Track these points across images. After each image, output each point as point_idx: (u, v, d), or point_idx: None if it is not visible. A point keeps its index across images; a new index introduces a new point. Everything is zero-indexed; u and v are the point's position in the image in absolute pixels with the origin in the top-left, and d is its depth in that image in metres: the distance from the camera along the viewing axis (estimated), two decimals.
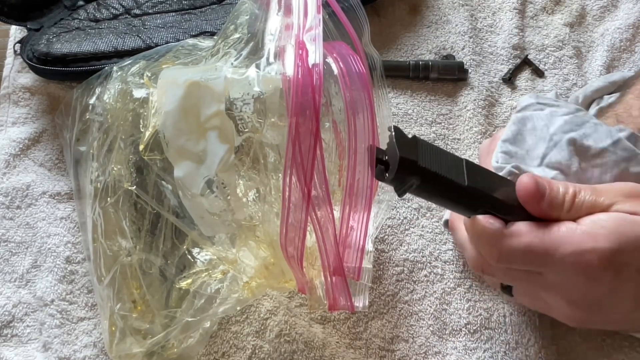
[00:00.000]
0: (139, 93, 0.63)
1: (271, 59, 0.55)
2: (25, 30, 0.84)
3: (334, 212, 0.50)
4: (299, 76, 0.46)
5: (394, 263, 0.72)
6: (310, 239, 0.53)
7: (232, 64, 0.58)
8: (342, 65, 0.53)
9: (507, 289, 0.62)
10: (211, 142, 0.55)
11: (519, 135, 0.66)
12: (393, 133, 0.51)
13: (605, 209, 0.52)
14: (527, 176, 0.52)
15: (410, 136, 0.53)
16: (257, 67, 0.55)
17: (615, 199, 0.52)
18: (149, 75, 0.63)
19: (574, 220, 0.52)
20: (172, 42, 0.78)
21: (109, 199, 0.62)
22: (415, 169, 0.51)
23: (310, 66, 0.47)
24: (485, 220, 0.53)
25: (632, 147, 0.62)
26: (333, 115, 0.58)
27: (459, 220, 0.63)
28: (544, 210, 0.52)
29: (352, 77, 0.53)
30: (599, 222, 0.51)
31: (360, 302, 0.60)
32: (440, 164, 0.52)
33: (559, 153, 0.63)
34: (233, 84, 0.56)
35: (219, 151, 0.55)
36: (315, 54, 0.48)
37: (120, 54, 0.78)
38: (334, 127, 0.59)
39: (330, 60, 0.54)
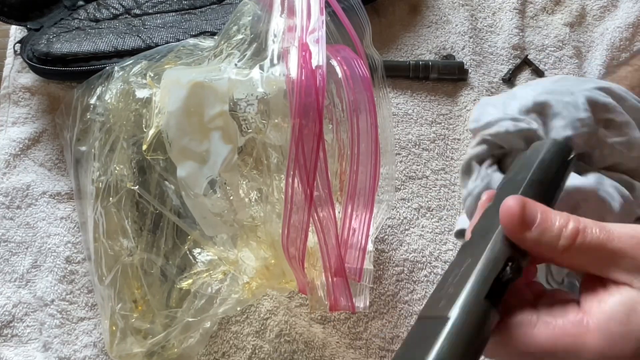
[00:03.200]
0: (141, 93, 0.63)
1: (275, 61, 0.54)
2: (25, 30, 0.84)
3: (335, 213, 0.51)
4: (303, 78, 0.46)
5: (394, 263, 0.72)
6: (312, 240, 0.53)
7: (235, 64, 0.58)
8: (345, 68, 0.53)
9: None
10: (214, 142, 0.55)
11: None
12: None
13: (617, 278, 0.40)
14: (514, 198, 0.41)
15: None
16: (261, 68, 0.56)
17: (636, 264, 0.39)
18: (152, 75, 0.63)
19: (572, 265, 0.41)
20: (172, 42, 0.78)
21: (111, 198, 0.62)
22: None
23: (313, 68, 0.47)
24: None
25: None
26: (336, 117, 0.58)
27: None
28: (530, 243, 0.41)
29: (356, 80, 0.53)
30: (614, 318, 0.38)
31: (361, 303, 0.60)
32: None
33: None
34: (237, 85, 0.56)
35: (222, 151, 0.55)
36: (318, 56, 0.48)
37: (120, 54, 0.78)
38: (335, 130, 0.59)
39: (334, 62, 0.54)
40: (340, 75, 0.53)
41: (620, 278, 0.39)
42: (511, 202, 0.41)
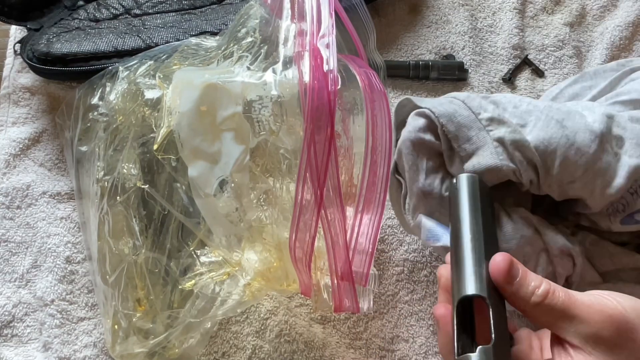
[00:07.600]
0: (150, 94, 0.63)
1: (287, 64, 0.55)
2: (25, 30, 0.84)
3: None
4: (315, 81, 0.47)
5: (394, 263, 0.73)
6: (317, 242, 0.53)
7: (248, 67, 0.59)
8: (364, 78, 0.53)
9: None
10: (226, 142, 0.56)
11: None
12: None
13: (572, 342, 0.46)
14: (503, 255, 0.49)
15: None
16: (274, 71, 0.56)
17: (588, 332, 0.46)
18: (161, 76, 0.63)
19: (539, 321, 0.48)
20: (172, 41, 0.78)
21: (118, 197, 0.62)
22: None
23: (325, 72, 0.47)
24: None
25: None
26: (347, 120, 0.59)
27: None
28: (509, 294, 0.48)
29: (373, 89, 0.53)
30: None
31: (366, 305, 0.60)
32: None
33: None
34: (250, 87, 0.56)
35: (234, 152, 0.55)
36: (329, 60, 0.48)
37: (120, 54, 0.78)
38: (346, 136, 0.59)
39: (354, 71, 0.55)
40: (360, 84, 0.54)
41: (575, 342, 0.46)
42: (499, 259, 0.48)
